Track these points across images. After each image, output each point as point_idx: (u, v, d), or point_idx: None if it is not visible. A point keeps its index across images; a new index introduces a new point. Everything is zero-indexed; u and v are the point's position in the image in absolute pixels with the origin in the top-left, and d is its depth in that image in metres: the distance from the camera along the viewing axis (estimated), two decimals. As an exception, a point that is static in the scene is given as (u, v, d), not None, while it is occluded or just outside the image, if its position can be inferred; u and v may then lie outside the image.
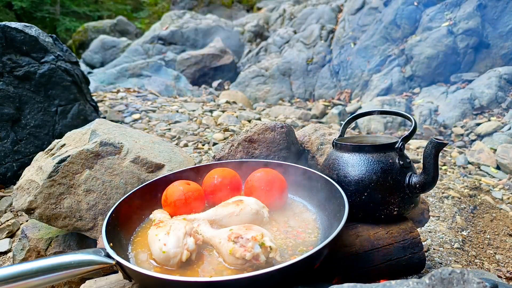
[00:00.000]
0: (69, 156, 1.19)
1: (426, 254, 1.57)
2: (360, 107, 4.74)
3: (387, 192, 0.98)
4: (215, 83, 6.58)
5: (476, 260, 1.61)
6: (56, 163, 1.18)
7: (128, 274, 0.75)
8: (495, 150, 2.99)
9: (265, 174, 1.04)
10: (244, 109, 4.29)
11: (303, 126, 3.90)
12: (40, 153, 1.36)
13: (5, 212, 1.99)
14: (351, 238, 0.97)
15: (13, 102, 2.34)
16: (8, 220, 1.90)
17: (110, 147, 1.23)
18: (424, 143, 3.37)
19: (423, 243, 1.38)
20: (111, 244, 0.78)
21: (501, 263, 1.63)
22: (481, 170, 2.78)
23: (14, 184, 2.26)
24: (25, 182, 1.22)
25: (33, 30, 2.54)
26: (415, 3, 5.15)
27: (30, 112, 2.43)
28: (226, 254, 0.77)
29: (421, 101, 4.33)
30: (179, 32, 7.96)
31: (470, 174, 2.72)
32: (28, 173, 1.26)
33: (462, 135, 3.55)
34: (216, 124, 3.47)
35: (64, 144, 1.31)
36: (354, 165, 1.01)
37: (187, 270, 0.78)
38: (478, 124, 3.54)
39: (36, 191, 1.18)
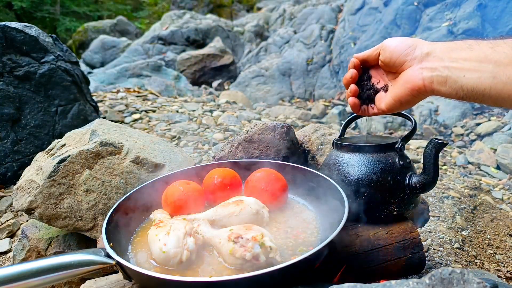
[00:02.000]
0: (69, 156, 1.19)
1: (426, 254, 1.57)
2: (360, 107, 4.73)
3: (387, 192, 0.98)
4: (215, 83, 6.59)
5: (476, 260, 1.61)
6: (56, 163, 1.18)
7: (128, 274, 0.75)
8: (495, 150, 2.99)
9: (265, 174, 1.04)
10: (244, 109, 4.29)
11: (303, 126, 3.90)
12: (40, 153, 1.36)
13: (5, 212, 1.99)
14: (351, 238, 0.97)
15: (13, 102, 2.35)
16: (8, 220, 1.90)
17: (110, 147, 1.23)
18: (424, 143, 3.37)
19: (423, 243, 1.38)
20: (111, 244, 0.78)
21: (501, 263, 1.63)
22: (481, 170, 2.78)
23: (14, 184, 2.26)
24: (25, 182, 1.22)
25: (33, 30, 2.54)
26: (415, 3, 5.15)
27: (30, 112, 2.43)
28: (226, 254, 0.77)
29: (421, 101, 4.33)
30: (179, 32, 7.96)
31: (470, 174, 2.72)
32: (28, 173, 1.26)
33: (462, 135, 3.55)
34: (216, 124, 3.47)
35: (64, 144, 1.31)
36: (354, 165, 1.01)
37: (187, 270, 0.78)
38: (478, 124, 3.55)
39: (36, 191, 1.18)
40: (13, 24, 2.41)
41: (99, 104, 3.56)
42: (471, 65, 0.69)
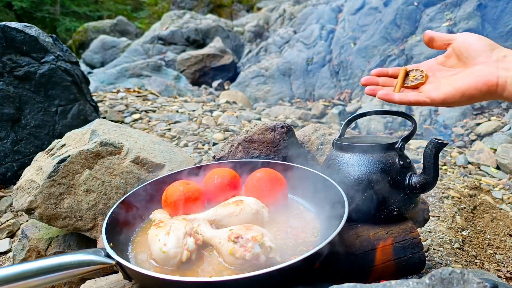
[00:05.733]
0: (69, 156, 1.19)
1: (426, 254, 1.57)
2: (360, 107, 4.74)
3: (387, 192, 0.98)
4: (215, 83, 6.59)
5: (476, 260, 1.61)
6: (56, 163, 1.18)
7: (128, 274, 0.75)
8: (495, 150, 2.99)
9: (265, 174, 1.04)
10: (244, 109, 4.29)
11: (303, 126, 3.90)
12: (40, 153, 1.36)
13: (5, 212, 1.99)
14: (351, 238, 0.97)
15: (13, 102, 2.34)
16: (8, 220, 1.90)
17: (110, 147, 1.23)
18: (424, 143, 3.37)
19: (423, 243, 1.38)
20: (111, 244, 0.78)
21: (501, 263, 1.63)
22: (481, 170, 2.78)
23: (14, 184, 2.26)
24: (25, 182, 1.22)
25: (33, 30, 2.54)
26: (415, 3, 5.15)
27: (30, 112, 2.43)
28: (226, 254, 0.77)
29: (421, 101, 4.33)
30: (179, 32, 7.96)
31: (470, 174, 2.72)
32: (28, 173, 1.26)
33: (462, 135, 3.55)
34: (216, 124, 3.47)
35: (64, 144, 1.31)
36: (354, 165, 1.01)
37: (187, 270, 0.78)
38: (478, 124, 3.55)
39: (36, 191, 1.18)
40: (13, 24, 2.41)
41: (99, 104, 3.56)
42: None
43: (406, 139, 1.03)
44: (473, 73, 0.79)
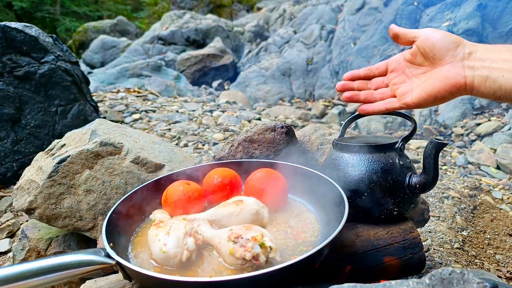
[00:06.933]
0: (69, 156, 1.19)
1: (426, 254, 1.57)
2: (360, 107, 4.73)
3: (387, 192, 0.98)
4: (215, 83, 6.59)
5: (476, 260, 1.61)
6: (56, 163, 1.18)
7: (128, 274, 0.75)
8: (495, 150, 2.99)
9: (265, 174, 1.04)
10: (244, 109, 4.29)
11: (303, 126, 3.90)
12: (40, 153, 1.36)
13: (5, 212, 1.99)
14: (351, 238, 0.97)
15: (13, 102, 2.35)
16: (8, 220, 1.90)
17: (110, 147, 1.23)
18: (424, 143, 3.37)
19: (423, 243, 1.38)
20: (111, 244, 0.78)
21: (501, 263, 1.63)
22: (481, 170, 2.78)
23: (14, 184, 2.26)
24: (25, 182, 1.22)
25: (33, 30, 2.54)
26: (415, 3, 5.15)
27: (30, 112, 2.43)
28: (226, 254, 0.77)
29: (421, 101, 4.33)
30: (179, 32, 7.96)
31: (470, 174, 2.72)
32: (28, 173, 1.26)
33: (462, 135, 3.55)
34: (216, 124, 3.47)
35: (64, 144, 1.31)
36: (354, 165, 1.01)
37: (187, 270, 0.78)
38: (478, 124, 3.55)
39: (36, 191, 1.18)
40: (13, 24, 2.41)
41: (99, 104, 3.56)
42: (510, 66, 0.70)
43: (406, 139, 1.03)
44: (441, 74, 0.79)
